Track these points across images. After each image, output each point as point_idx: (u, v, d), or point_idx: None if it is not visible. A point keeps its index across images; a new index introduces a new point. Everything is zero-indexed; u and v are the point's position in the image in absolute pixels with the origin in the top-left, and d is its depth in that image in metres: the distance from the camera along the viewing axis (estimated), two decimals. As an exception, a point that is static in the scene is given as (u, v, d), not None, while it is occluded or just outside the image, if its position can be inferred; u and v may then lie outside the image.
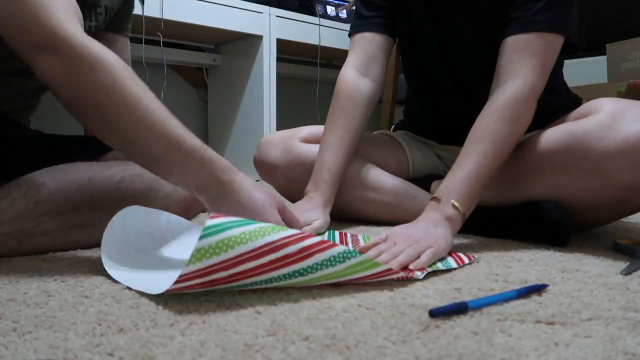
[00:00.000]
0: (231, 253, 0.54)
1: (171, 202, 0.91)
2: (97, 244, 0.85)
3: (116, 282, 0.65)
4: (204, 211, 1.06)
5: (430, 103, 1.18)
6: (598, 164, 0.81)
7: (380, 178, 1.09)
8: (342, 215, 1.11)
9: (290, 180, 1.12)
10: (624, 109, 0.81)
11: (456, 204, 0.80)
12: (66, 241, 0.81)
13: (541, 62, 0.87)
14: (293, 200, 1.22)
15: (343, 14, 2.70)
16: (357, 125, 1.05)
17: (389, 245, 0.73)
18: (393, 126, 1.35)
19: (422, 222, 0.80)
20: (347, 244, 0.84)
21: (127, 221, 0.75)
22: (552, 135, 0.88)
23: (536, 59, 0.87)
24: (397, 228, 0.79)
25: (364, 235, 0.94)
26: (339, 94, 1.07)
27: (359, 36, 1.09)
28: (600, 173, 0.81)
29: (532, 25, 0.88)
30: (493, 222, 0.94)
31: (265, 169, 1.14)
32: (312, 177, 1.01)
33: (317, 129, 1.14)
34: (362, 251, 0.73)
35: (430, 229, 0.77)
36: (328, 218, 0.97)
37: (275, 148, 1.11)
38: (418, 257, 0.70)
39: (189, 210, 0.95)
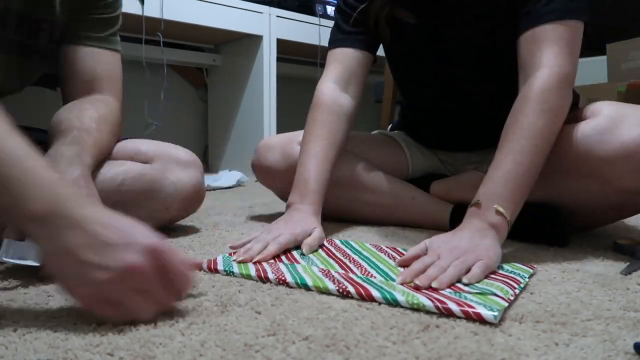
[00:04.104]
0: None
1: (173, 202, 0.91)
2: None
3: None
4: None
5: (425, 114, 1.15)
6: (598, 169, 0.80)
7: (378, 179, 1.08)
8: (340, 217, 1.11)
9: (289, 185, 1.11)
10: (624, 113, 0.80)
11: (500, 209, 0.72)
12: None
13: (564, 48, 0.80)
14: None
15: (343, 14, 2.70)
16: (340, 139, 0.99)
17: (432, 258, 0.66)
18: (390, 125, 1.34)
19: (465, 231, 0.72)
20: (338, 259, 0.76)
21: None
22: None
23: (558, 46, 0.80)
24: (437, 238, 0.71)
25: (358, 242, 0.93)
26: (319, 106, 1.00)
27: (339, 51, 1.04)
28: (600, 178, 0.80)
29: (546, 16, 0.82)
30: None
31: (264, 174, 1.13)
32: (296, 188, 0.92)
33: None
34: (403, 264, 0.69)
35: (476, 238, 0.69)
36: (322, 229, 0.86)
37: (274, 152, 1.10)
38: (468, 270, 0.63)
39: (187, 209, 0.96)
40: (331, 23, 2.82)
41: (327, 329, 0.49)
